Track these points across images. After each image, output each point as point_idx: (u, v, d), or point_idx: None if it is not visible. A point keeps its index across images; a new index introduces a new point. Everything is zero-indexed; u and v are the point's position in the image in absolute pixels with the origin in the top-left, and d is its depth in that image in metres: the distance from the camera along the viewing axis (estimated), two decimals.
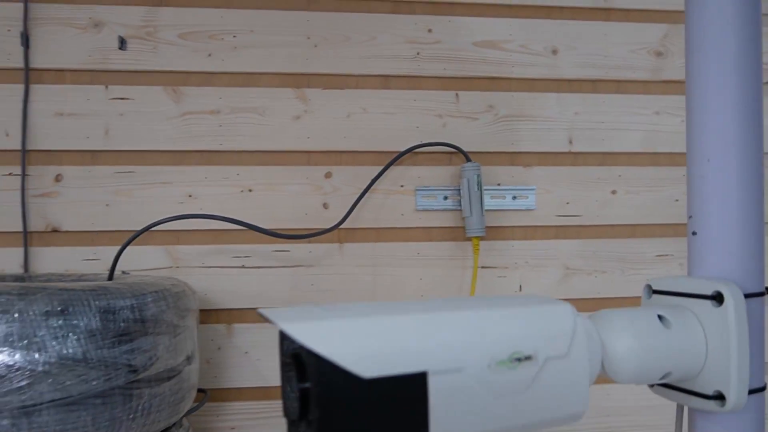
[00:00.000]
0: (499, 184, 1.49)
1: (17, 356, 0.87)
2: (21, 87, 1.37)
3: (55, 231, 1.37)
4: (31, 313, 0.89)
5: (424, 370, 0.48)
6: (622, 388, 1.53)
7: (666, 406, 1.48)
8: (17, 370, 0.87)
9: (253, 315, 1.41)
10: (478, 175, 1.43)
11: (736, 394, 0.59)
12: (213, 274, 1.40)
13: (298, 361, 0.50)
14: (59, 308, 0.91)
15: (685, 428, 0.68)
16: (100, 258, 1.38)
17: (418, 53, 1.47)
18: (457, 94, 1.48)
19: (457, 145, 1.46)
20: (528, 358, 0.52)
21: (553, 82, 1.51)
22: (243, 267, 1.41)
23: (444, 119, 1.47)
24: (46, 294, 0.92)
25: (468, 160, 1.45)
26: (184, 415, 1.14)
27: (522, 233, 1.49)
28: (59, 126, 1.37)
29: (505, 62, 1.50)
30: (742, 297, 0.59)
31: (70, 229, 1.37)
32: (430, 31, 1.47)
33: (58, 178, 1.37)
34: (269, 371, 1.42)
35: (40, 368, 0.88)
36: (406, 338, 0.49)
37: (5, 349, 0.87)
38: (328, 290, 1.42)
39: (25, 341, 0.88)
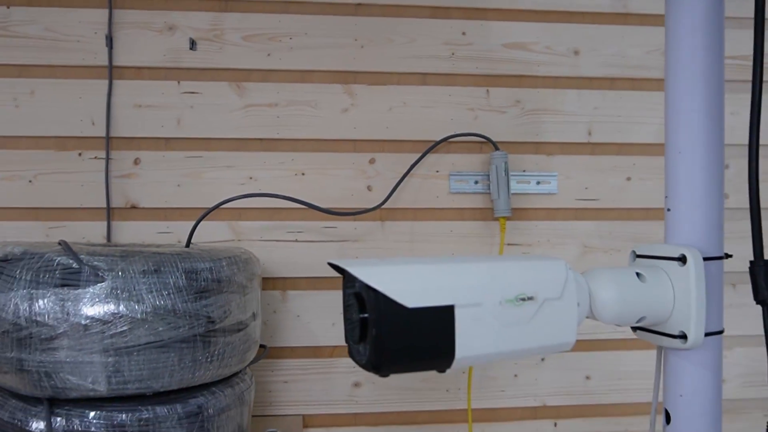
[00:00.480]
0: (524, 171, 1.65)
1: (121, 306, 1.06)
2: (105, 82, 1.56)
3: (133, 207, 1.57)
4: (131, 271, 1.08)
5: (452, 303, 0.66)
6: (634, 356, 1.69)
7: None
8: (121, 317, 1.06)
9: (304, 283, 1.60)
10: (506, 163, 1.59)
11: (694, 333, 0.75)
12: (270, 247, 1.59)
13: (359, 298, 0.68)
14: (153, 268, 1.10)
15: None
16: (173, 231, 1.57)
17: (453, 53, 1.64)
18: (487, 90, 1.64)
19: (487, 135, 1.62)
20: (530, 298, 0.69)
21: (574, 80, 1.67)
22: (296, 241, 1.59)
23: (475, 112, 1.64)
24: (143, 256, 1.11)
25: (496, 148, 1.61)
26: (248, 365, 1.33)
27: (544, 214, 1.65)
28: (138, 116, 1.57)
29: (531, 62, 1.65)
30: (701, 259, 0.75)
31: (146, 206, 1.57)
32: (464, 33, 1.64)
33: (136, 162, 1.57)
34: (318, 332, 1.60)
35: (138, 316, 1.07)
36: (439, 280, 0.66)
37: (111, 299, 1.06)
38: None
39: (127, 294, 1.07)
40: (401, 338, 0.65)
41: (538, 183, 1.65)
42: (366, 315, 0.66)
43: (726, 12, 0.85)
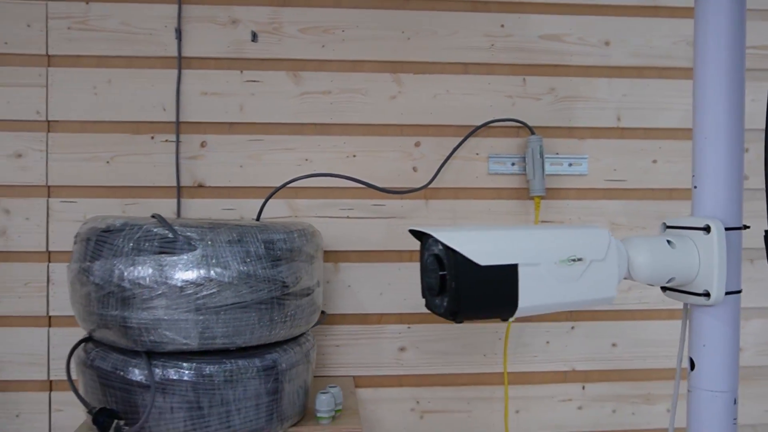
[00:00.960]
0: (557, 153, 1.78)
1: (211, 271, 1.22)
2: (175, 72, 1.71)
3: (200, 186, 1.72)
4: (218, 240, 1.24)
5: (516, 263, 0.80)
6: (656, 325, 1.82)
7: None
8: (210, 280, 1.21)
9: (355, 256, 1.74)
10: (541, 146, 1.72)
11: (717, 292, 0.89)
12: (324, 223, 1.73)
13: (438, 259, 0.82)
14: (237, 238, 1.25)
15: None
16: (235, 208, 1.72)
17: (492, 45, 1.77)
18: (524, 79, 1.77)
19: (524, 120, 1.76)
20: (579, 259, 0.83)
21: (605, 68, 1.79)
22: (348, 218, 1.74)
23: (513, 99, 1.77)
24: (227, 228, 1.26)
25: (532, 133, 1.75)
26: (312, 326, 1.48)
27: (576, 194, 1.79)
28: (204, 102, 1.71)
29: (565, 52, 1.78)
30: (723, 229, 0.89)
31: (212, 185, 1.72)
32: (502, 26, 1.77)
33: (203, 144, 1.72)
34: (366, 301, 1.75)
35: (226, 280, 1.22)
36: (506, 243, 0.80)
37: (202, 265, 1.21)
38: None
39: (215, 260, 1.22)
40: (474, 291, 0.79)
41: (570, 165, 1.78)
42: (445, 272, 0.80)
43: (751, 4, 0.98)
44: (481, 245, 0.79)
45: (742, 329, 1.84)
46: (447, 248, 0.79)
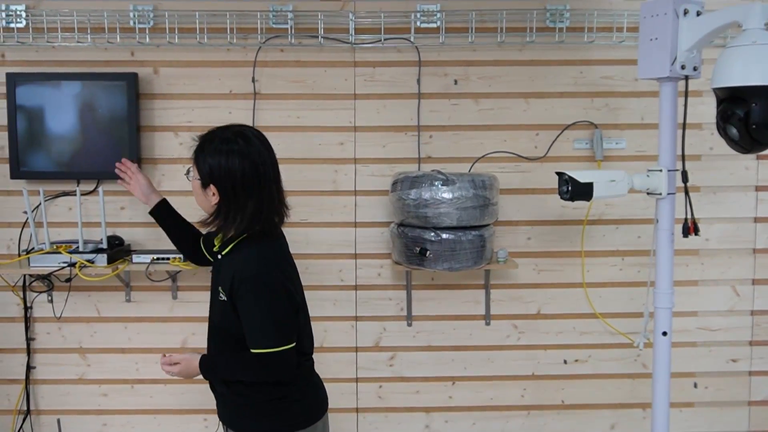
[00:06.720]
0: (609, 137, 3.21)
1: (462, 193, 2.72)
2: (416, 101, 3.19)
3: (428, 157, 3.21)
4: (464, 180, 2.74)
5: (593, 181, 2.27)
6: None
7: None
8: (462, 196, 2.72)
9: (504, 191, 3.20)
10: (601, 134, 3.15)
11: (664, 193, 2.33)
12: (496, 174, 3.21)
13: (566, 181, 2.30)
14: (471, 179, 2.76)
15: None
16: (445, 168, 3.21)
17: (575, 82, 3.20)
18: (592, 100, 3.20)
19: (592, 121, 3.19)
20: (614, 180, 2.29)
21: (635, 92, 3.20)
22: (501, 172, 3.21)
23: (587, 110, 3.20)
24: (467, 175, 2.77)
25: (596, 127, 3.18)
26: (493, 221, 2.97)
27: (619, 159, 3.21)
28: (430, 115, 3.20)
29: (614, 85, 3.20)
30: (667, 171, 2.33)
31: (434, 156, 3.20)
32: (581, 72, 3.20)
33: (430, 136, 3.20)
34: (510, 214, 3.23)
35: (468, 196, 2.73)
36: (588, 174, 2.28)
37: (458, 190, 2.72)
38: (541, 181, 3.22)
39: (463, 188, 2.73)
40: (579, 189, 2.25)
41: (616, 143, 3.21)
42: (569, 185, 2.28)
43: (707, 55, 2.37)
44: (580, 176, 2.26)
45: (705, 231, 3.26)
46: (569, 176, 2.26)
